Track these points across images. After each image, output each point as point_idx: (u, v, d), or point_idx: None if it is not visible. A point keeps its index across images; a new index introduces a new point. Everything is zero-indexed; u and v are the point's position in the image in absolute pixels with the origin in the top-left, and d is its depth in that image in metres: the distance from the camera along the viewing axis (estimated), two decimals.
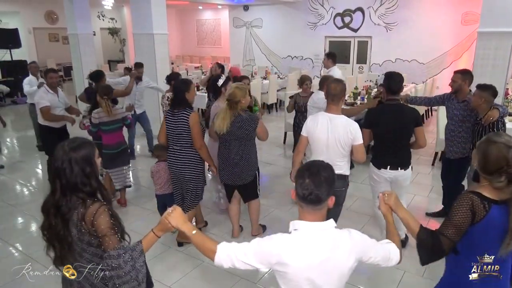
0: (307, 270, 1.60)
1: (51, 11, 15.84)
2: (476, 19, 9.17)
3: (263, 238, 1.68)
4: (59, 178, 1.76)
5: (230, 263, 1.67)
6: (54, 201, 1.77)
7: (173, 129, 3.63)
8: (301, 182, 1.61)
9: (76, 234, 1.76)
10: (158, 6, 7.36)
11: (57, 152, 1.77)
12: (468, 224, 1.82)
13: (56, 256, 1.87)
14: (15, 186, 5.76)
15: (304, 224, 1.64)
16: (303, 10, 12.71)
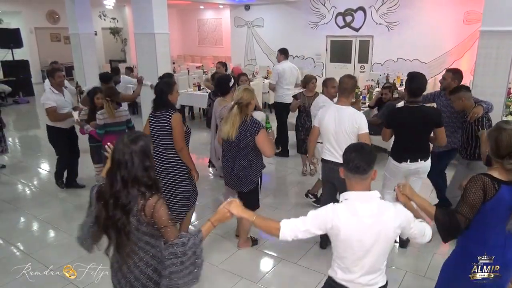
0: (357, 232, 1.86)
1: (52, 11, 15.85)
2: (478, 18, 9.14)
3: (318, 209, 1.96)
4: (119, 170, 1.82)
5: (293, 235, 1.93)
6: (113, 192, 1.83)
7: (156, 132, 3.47)
8: (347, 156, 1.91)
9: (135, 223, 1.84)
10: (159, 5, 7.35)
11: (117, 145, 1.85)
12: (480, 202, 2.05)
13: (109, 245, 1.94)
14: (16, 185, 5.76)
15: (353, 193, 1.92)
16: (305, 10, 12.70)
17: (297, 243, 4.00)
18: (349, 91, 3.49)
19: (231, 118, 3.41)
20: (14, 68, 12.54)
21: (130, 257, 1.89)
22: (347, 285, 1.98)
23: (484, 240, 2.11)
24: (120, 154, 1.82)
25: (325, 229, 1.92)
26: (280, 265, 3.66)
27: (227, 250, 3.91)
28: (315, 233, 1.95)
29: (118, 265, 1.98)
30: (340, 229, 1.87)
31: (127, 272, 1.93)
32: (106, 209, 1.85)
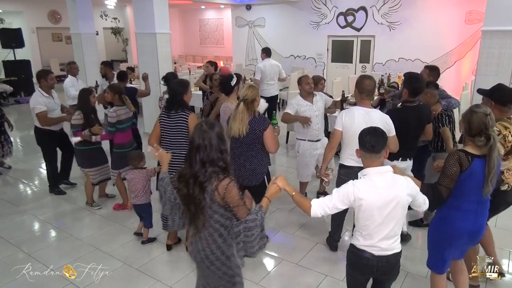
0: (377, 202, 2.18)
1: (54, 11, 15.88)
2: (480, 18, 9.10)
3: (340, 187, 2.27)
4: (199, 153, 2.08)
5: (323, 212, 2.27)
6: (193, 172, 2.09)
7: (170, 132, 3.49)
8: (364, 138, 2.23)
9: (208, 201, 2.08)
10: (161, 5, 7.35)
11: (197, 131, 2.11)
12: (457, 174, 2.48)
13: (190, 218, 2.18)
14: (17, 185, 5.76)
15: (369, 169, 2.24)
16: (306, 9, 12.67)
17: (297, 243, 4.01)
18: (372, 91, 3.49)
19: (238, 115, 3.40)
20: (16, 68, 12.55)
21: (205, 230, 2.15)
22: (368, 250, 2.30)
23: (459, 206, 2.56)
24: (200, 139, 2.08)
25: (348, 202, 2.23)
26: (281, 265, 3.65)
27: None
28: (341, 207, 2.26)
29: (195, 235, 2.22)
30: (362, 200, 2.19)
31: (200, 241, 2.18)
32: (187, 187, 2.11)
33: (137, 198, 3.95)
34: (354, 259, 2.39)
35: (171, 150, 3.48)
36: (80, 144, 4.46)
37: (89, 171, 4.63)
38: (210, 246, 2.15)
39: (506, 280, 3.45)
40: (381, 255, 2.29)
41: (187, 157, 2.17)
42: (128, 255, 3.84)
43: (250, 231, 2.07)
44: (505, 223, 4.37)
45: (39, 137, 5.13)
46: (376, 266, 2.31)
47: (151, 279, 3.46)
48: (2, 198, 5.22)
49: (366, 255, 2.31)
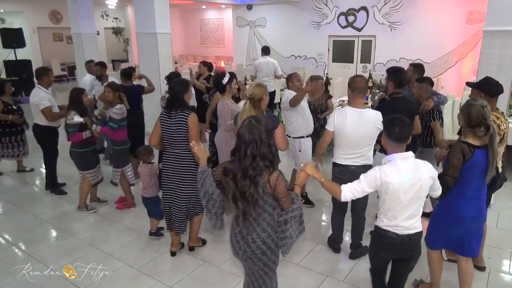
0: (402, 185, 2.34)
1: (55, 11, 15.89)
2: (481, 18, 9.09)
3: (368, 172, 2.42)
4: (249, 147, 2.16)
5: (352, 196, 2.44)
6: (243, 167, 2.17)
7: (170, 132, 3.45)
8: (391, 129, 2.36)
9: (260, 193, 2.18)
10: (162, 5, 7.34)
11: (247, 127, 2.18)
12: (461, 164, 2.67)
13: (237, 213, 2.26)
14: (19, 185, 5.76)
15: (394, 155, 2.38)
16: (307, 9, 12.66)
17: (298, 244, 3.99)
18: (365, 90, 3.53)
19: (245, 113, 3.39)
20: (17, 68, 12.55)
21: (256, 221, 2.24)
22: (392, 230, 2.46)
23: (462, 193, 2.74)
24: (250, 134, 2.15)
25: (375, 186, 2.39)
26: (281, 266, 3.63)
27: (228, 250, 3.87)
28: (369, 191, 2.43)
29: (240, 228, 2.30)
30: (389, 184, 2.34)
31: (251, 233, 2.26)
32: (235, 181, 2.19)
33: (144, 190, 4.02)
34: (379, 238, 2.55)
35: (172, 150, 3.50)
36: (78, 146, 4.42)
37: (88, 173, 4.57)
38: (261, 236, 2.25)
39: (506, 280, 3.44)
40: (404, 233, 2.45)
41: (235, 152, 2.23)
42: (129, 255, 3.83)
43: (295, 219, 2.24)
44: (507, 224, 4.37)
45: (40, 135, 5.13)
46: (400, 244, 2.48)
47: (151, 279, 3.45)
48: (2, 198, 5.22)
49: (390, 235, 2.47)
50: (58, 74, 15.42)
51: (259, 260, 2.30)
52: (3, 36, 12.60)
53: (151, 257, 3.80)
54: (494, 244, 3.90)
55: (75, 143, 4.42)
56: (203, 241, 4.00)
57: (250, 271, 2.42)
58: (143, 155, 4.02)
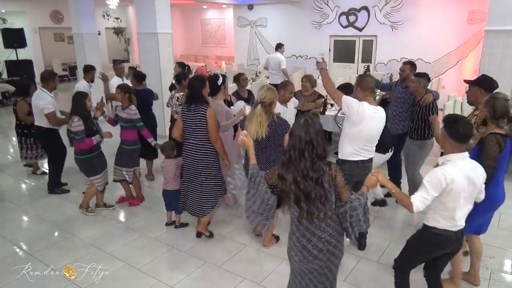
0: (463, 184, 2.39)
1: (56, 11, 15.90)
2: (482, 18, 9.07)
3: (429, 177, 2.41)
4: (308, 149, 2.13)
5: (424, 205, 2.42)
6: (302, 168, 2.14)
7: (190, 124, 3.70)
8: (456, 129, 2.40)
9: (328, 189, 2.18)
10: (163, 5, 7.35)
11: (303, 127, 2.14)
12: (498, 154, 2.85)
13: (301, 214, 2.19)
14: (20, 185, 5.76)
15: (453, 155, 2.44)
16: (308, 9, 12.65)
17: None
18: (374, 89, 3.60)
19: (256, 117, 3.40)
20: (18, 68, 12.57)
21: (321, 220, 2.21)
22: (449, 229, 2.51)
23: (497, 180, 2.93)
24: (307, 135, 2.13)
25: (441, 189, 2.39)
26: (282, 265, 3.63)
27: (229, 250, 3.89)
28: (436, 195, 2.40)
29: (305, 230, 2.25)
30: (453, 184, 2.36)
31: (319, 232, 2.23)
32: (297, 184, 2.14)
33: (168, 184, 4.21)
34: (437, 238, 2.55)
35: (191, 141, 3.76)
36: (82, 152, 4.31)
37: (95, 179, 4.48)
38: (332, 233, 2.25)
39: (507, 280, 3.42)
40: (458, 230, 2.54)
41: (288, 152, 2.19)
42: (129, 255, 3.83)
43: (355, 211, 2.21)
44: (508, 224, 4.35)
45: (42, 137, 5.16)
46: (456, 240, 2.57)
47: (152, 279, 3.45)
48: (3, 197, 5.22)
49: (448, 233, 2.52)
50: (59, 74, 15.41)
51: (328, 260, 2.27)
52: (5, 36, 12.61)
53: (151, 257, 3.80)
54: (496, 244, 3.89)
55: (79, 150, 4.30)
56: (210, 233, 4.11)
57: (314, 271, 2.31)
58: (168, 151, 4.22)
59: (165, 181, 4.24)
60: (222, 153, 3.81)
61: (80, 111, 4.24)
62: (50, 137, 5.14)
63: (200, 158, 3.76)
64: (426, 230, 2.62)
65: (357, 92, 3.47)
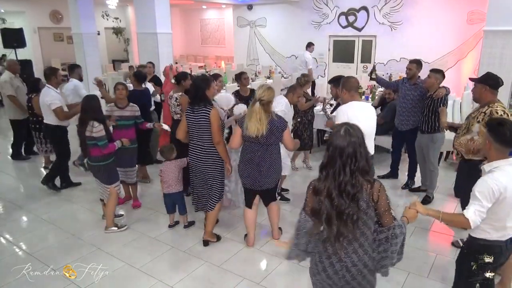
0: None
1: (56, 11, 15.88)
2: (481, 18, 9.08)
3: (480, 188, 2.25)
4: (348, 162, 1.89)
5: (480, 218, 2.24)
6: (338, 183, 1.90)
7: (194, 125, 3.67)
8: (503, 133, 2.25)
9: (364, 208, 1.93)
10: (162, 5, 7.36)
11: (344, 137, 1.91)
12: None
13: (330, 234, 1.96)
14: (20, 185, 5.76)
15: (501, 161, 2.28)
16: (307, 9, 12.66)
17: None
18: (358, 88, 3.72)
19: (255, 115, 3.40)
20: None
21: (350, 244, 1.98)
22: (500, 239, 2.36)
23: None
24: (349, 147, 1.89)
25: (494, 199, 2.23)
26: (282, 265, 3.64)
27: (229, 250, 3.89)
28: (490, 206, 2.24)
29: (333, 251, 2.02)
30: (506, 192, 2.22)
31: (343, 255, 2.00)
32: (331, 200, 1.92)
33: (170, 187, 4.13)
34: (488, 251, 2.39)
35: (196, 142, 3.72)
36: (101, 159, 4.00)
37: (115, 186, 4.18)
38: (363, 258, 2.00)
39: None
40: (508, 238, 2.39)
41: (326, 165, 1.97)
42: (129, 255, 3.83)
43: (395, 240, 1.99)
44: None
45: (51, 134, 5.22)
46: (506, 250, 2.42)
47: (152, 279, 3.45)
48: (3, 197, 5.22)
49: (499, 244, 2.38)
50: None
51: (358, 284, 2.05)
52: (4, 36, 12.58)
53: (151, 256, 3.80)
54: None
55: (97, 157, 3.98)
56: (217, 237, 4.07)
57: None
58: (167, 153, 4.17)
59: (167, 185, 4.13)
60: (224, 157, 3.74)
61: (96, 116, 3.92)
62: (59, 135, 5.19)
63: (206, 160, 3.72)
64: (473, 243, 2.44)
65: (342, 94, 3.67)
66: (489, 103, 3.39)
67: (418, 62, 5.06)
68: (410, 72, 5.00)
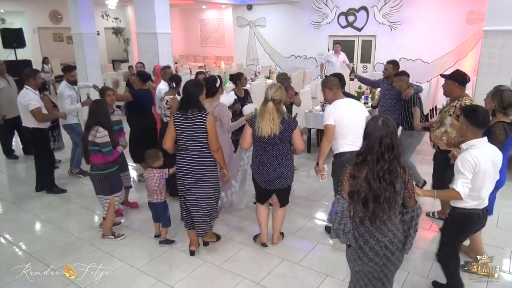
0: (487, 165, 2.69)
1: (55, 11, 15.89)
2: (481, 18, 9.09)
3: (461, 163, 2.68)
4: (387, 151, 2.10)
5: (467, 189, 2.67)
6: (377, 170, 2.11)
7: (188, 133, 3.40)
8: (476, 117, 2.71)
9: (399, 190, 2.16)
10: (162, 5, 7.36)
11: (381, 129, 2.11)
12: (505, 139, 3.26)
13: (365, 215, 2.17)
14: (19, 184, 5.76)
15: (475, 140, 2.74)
16: (307, 9, 12.67)
17: (298, 243, 4.00)
18: (338, 85, 3.79)
19: (268, 115, 3.37)
20: (17, 68, 12.51)
21: (384, 224, 2.19)
22: (477, 207, 2.81)
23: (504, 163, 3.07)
24: (387, 137, 2.10)
25: (472, 170, 2.66)
26: (282, 265, 3.64)
27: (228, 250, 3.89)
28: (471, 177, 2.67)
29: (361, 231, 2.23)
30: (480, 165, 2.65)
31: (379, 235, 2.20)
32: (369, 185, 2.12)
33: (152, 196, 3.90)
34: (468, 219, 2.84)
35: (188, 152, 3.46)
36: (102, 167, 3.86)
37: (116, 196, 4.02)
38: (392, 239, 2.22)
39: (507, 279, 3.44)
40: (483, 207, 2.84)
41: (364, 153, 2.16)
42: (129, 255, 3.83)
43: (417, 219, 2.31)
44: (507, 223, 4.36)
45: (30, 136, 5.12)
46: (484, 218, 2.89)
47: (152, 279, 3.45)
48: (2, 198, 5.22)
49: (477, 212, 2.82)
50: (58, 74, 15.40)
51: (381, 261, 2.22)
52: (4, 36, 12.59)
53: (151, 256, 3.80)
54: (494, 243, 3.90)
55: (99, 165, 3.85)
56: (217, 237, 4.02)
57: (369, 274, 2.29)
58: (150, 159, 3.85)
59: (150, 193, 3.89)
60: (222, 163, 3.58)
61: (103, 121, 3.79)
62: (37, 139, 5.08)
63: (202, 170, 3.47)
64: (456, 212, 2.86)
65: (326, 93, 3.78)
66: (458, 98, 3.78)
67: (394, 62, 5.35)
68: (387, 72, 5.28)
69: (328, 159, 3.73)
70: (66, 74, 5.64)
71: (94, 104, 3.97)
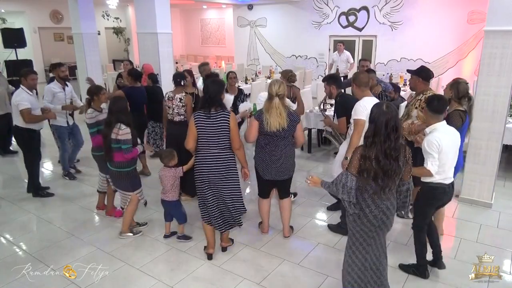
0: (449, 143, 3.09)
1: (56, 11, 15.90)
2: (482, 18, 9.08)
3: (428, 145, 3.07)
4: (392, 132, 2.43)
5: (436, 166, 3.08)
6: (386, 148, 2.43)
7: (211, 132, 3.40)
8: (433, 105, 3.13)
9: (401, 164, 2.52)
10: (162, 5, 7.35)
11: (386, 113, 2.43)
12: (461, 126, 3.58)
13: (376, 189, 2.50)
14: (19, 184, 5.76)
15: (437, 125, 3.14)
16: (308, 9, 12.66)
17: (299, 244, 3.99)
18: (368, 83, 3.90)
19: (275, 110, 3.53)
20: (18, 68, 12.47)
21: (391, 193, 2.59)
22: (443, 182, 3.18)
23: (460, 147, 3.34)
24: (393, 120, 2.43)
25: (437, 149, 3.04)
26: (282, 265, 3.64)
27: (229, 250, 3.89)
28: (437, 156, 3.06)
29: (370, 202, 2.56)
30: (443, 145, 3.04)
31: (379, 201, 2.55)
32: (378, 162, 2.44)
33: (166, 194, 3.95)
34: (434, 191, 3.20)
35: (210, 150, 3.44)
36: (124, 165, 3.89)
37: (138, 192, 4.06)
38: (389, 206, 2.58)
39: (507, 280, 3.43)
40: (450, 182, 3.21)
41: (372, 136, 2.46)
42: (129, 255, 3.83)
43: (411, 190, 2.75)
44: (507, 224, 4.36)
45: (19, 137, 5.06)
46: (449, 192, 3.24)
47: (152, 279, 3.45)
48: (3, 197, 5.22)
49: (442, 186, 3.18)
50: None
51: (378, 222, 2.58)
52: (4, 36, 12.60)
53: (151, 257, 3.80)
54: (494, 244, 3.90)
55: (119, 162, 3.87)
56: (232, 241, 4.02)
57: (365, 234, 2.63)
58: (165, 159, 3.90)
59: (164, 190, 3.96)
60: (243, 161, 3.61)
61: (123, 118, 3.80)
62: (27, 138, 5.02)
63: (225, 167, 3.47)
64: (425, 186, 3.22)
65: (354, 89, 3.86)
66: (423, 92, 4.08)
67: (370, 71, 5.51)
68: (362, 70, 5.51)
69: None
70: (56, 70, 5.54)
71: (113, 100, 3.95)
